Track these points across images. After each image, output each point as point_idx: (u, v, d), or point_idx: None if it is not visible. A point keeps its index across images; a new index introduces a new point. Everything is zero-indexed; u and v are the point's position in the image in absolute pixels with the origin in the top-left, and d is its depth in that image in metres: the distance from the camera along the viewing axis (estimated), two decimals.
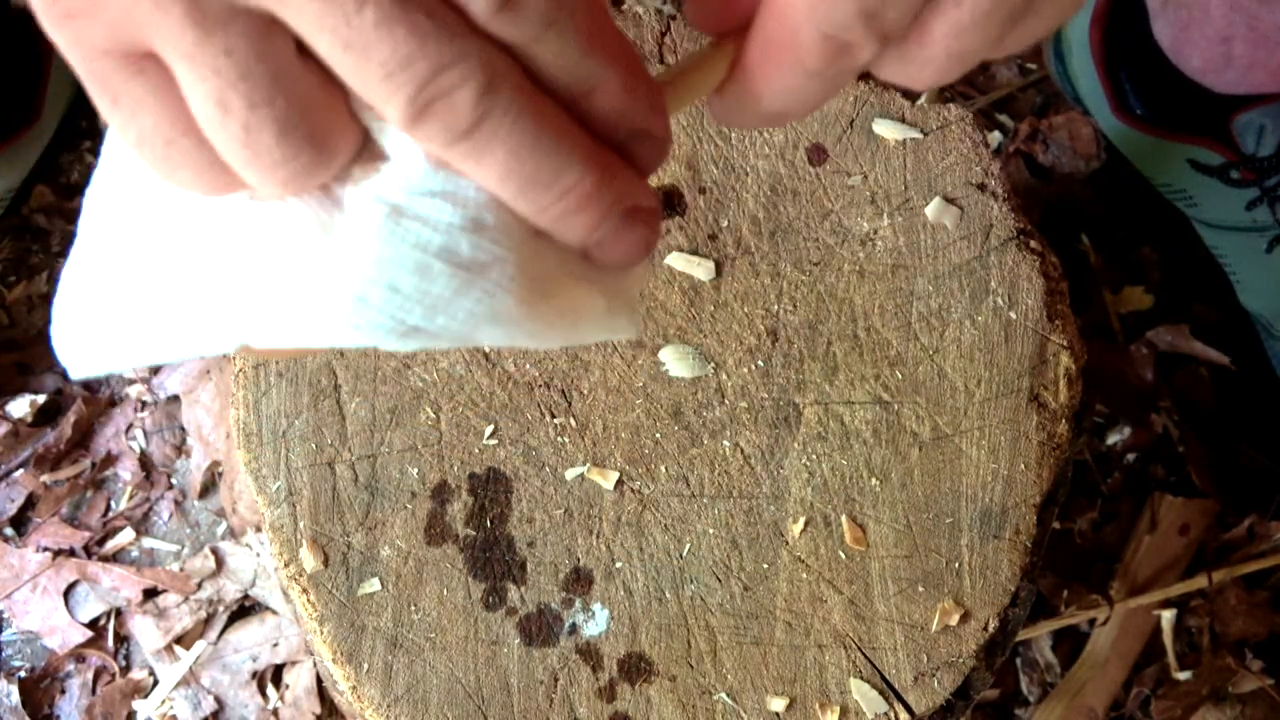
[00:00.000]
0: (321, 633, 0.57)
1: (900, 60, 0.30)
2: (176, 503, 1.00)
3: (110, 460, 1.01)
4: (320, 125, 0.27)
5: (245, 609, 0.97)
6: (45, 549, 0.97)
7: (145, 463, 1.01)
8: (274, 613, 0.96)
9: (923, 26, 0.29)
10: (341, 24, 0.25)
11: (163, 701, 0.93)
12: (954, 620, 0.57)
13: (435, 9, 0.25)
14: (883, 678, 0.57)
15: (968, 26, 0.29)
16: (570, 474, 0.59)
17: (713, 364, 0.60)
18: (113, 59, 0.27)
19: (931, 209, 0.62)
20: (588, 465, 0.59)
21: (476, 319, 0.30)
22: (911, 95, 0.64)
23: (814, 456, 0.59)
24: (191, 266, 0.31)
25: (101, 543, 0.98)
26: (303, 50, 0.26)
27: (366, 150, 0.29)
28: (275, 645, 0.95)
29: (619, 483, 0.59)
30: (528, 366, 0.60)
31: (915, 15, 0.29)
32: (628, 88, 0.28)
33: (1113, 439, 1.02)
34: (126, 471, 1.01)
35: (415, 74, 0.25)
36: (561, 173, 0.28)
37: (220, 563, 0.97)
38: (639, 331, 0.33)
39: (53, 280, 1.06)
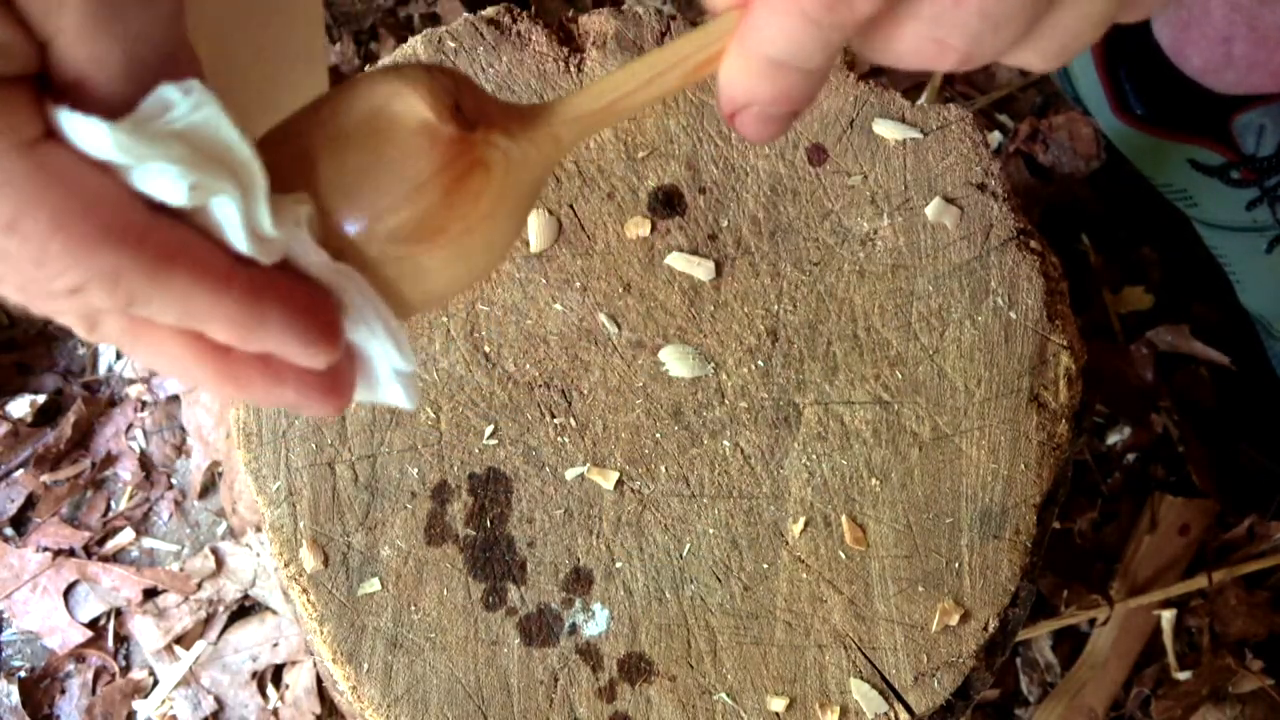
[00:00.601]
0: (321, 633, 0.57)
1: (933, 22, 0.29)
2: (176, 503, 1.00)
3: (110, 460, 1.01)
4: None
5: (245, 609, 0.97)
6: (45, 549, 0.97)
7: (145, 463, 1.01)
8: (274, 613, 0.96)
9: None
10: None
11: (163, 701, 0.93)
12: (954, 620, 0.57)
13: (29, 279, 0.28)
14: (883, 678, 0.57)
15: None
16: (570, 474, 0.59)
17: (713, 364, 0.60)
18: None
19: (931, 209, 0.62)
20: (588, 465, 0.59)
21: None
22: (912, 94, 0.65)
23: (814, 456, 0.59)
24: None
25: (101, 543, 0.98)
26: None
27: None
28: (275, 645, 0.95)
29: (619, 483, 0.59)
30: (528, 366, 0.60)
31: None
32: (238, 326, 0.30)
33: (1113, 439, 1.02)
34: (126, 471, 1.01)
35: (33, 307, 0.30)
36: (198, 380, 0.31)
37: (220, 563, 0.97)
38: (414, 405, 0.36)
39: None
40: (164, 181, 0.28)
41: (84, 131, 0.27)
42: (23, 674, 0.95)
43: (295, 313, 0.30)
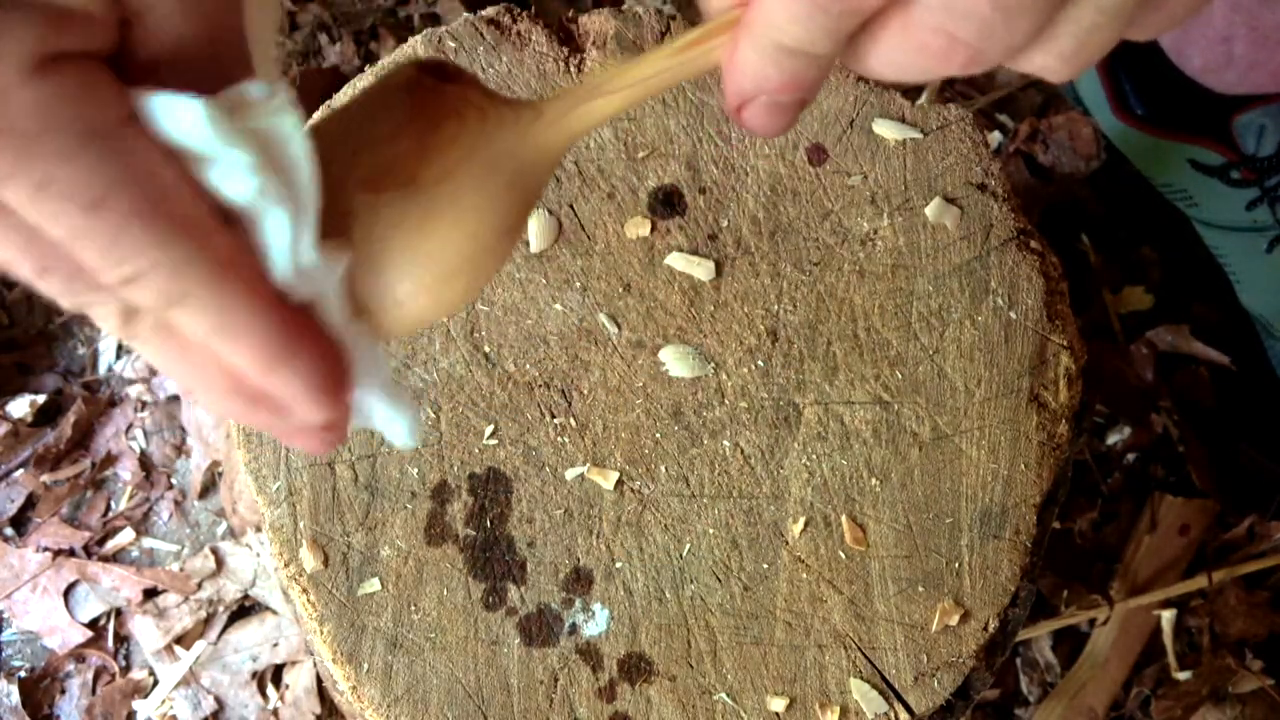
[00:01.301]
0: (321, 633, 0.57)
1: (943, 10, 0.29)
2: (176, 503, 1.00)
3: (110, 460, 1.01)
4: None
5: (245, 609, 0.97)
6: (45, 549, 0.97)
7: (145, 463, 1.01)
8: (274, 613, 0.96)
9: None
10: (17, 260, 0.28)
11: (163, 701, 0.93)
12: (954, 620, 0.57)
13: (80, 269, 0.28)
14: (883, 678, 0.57)
15: None
16: (570, 474, 0.59)
17: (713, 364, 0.60)
18: None
19: (931, 209, 0.62)
20: (588, 465, 0.59)
21: None
22: (911, 94, 0.64)
23: (814, 456, 0.59)
24: None
25: (101, 543, 0.98)
26: None
27: None
28: (275, 645, 0.95)
29: (619, 483, 0.59)
30: (528, 366, 0.60)
31: None
32: (266, 356, 0.30)
33: (1113, 439, 1.02)
34: (126, 471, 1.01)
35: (70, 299, 0.29)
36: (208, 394, 0.31)
37: (220, 563, 0.97)
38: (416, 441, 0.37)
39: None
40: (237, 176, 0.28)
41: (175, 112, 0.27)
42: (23, 674, 0.95)
43: (318, 359, 0.30)
